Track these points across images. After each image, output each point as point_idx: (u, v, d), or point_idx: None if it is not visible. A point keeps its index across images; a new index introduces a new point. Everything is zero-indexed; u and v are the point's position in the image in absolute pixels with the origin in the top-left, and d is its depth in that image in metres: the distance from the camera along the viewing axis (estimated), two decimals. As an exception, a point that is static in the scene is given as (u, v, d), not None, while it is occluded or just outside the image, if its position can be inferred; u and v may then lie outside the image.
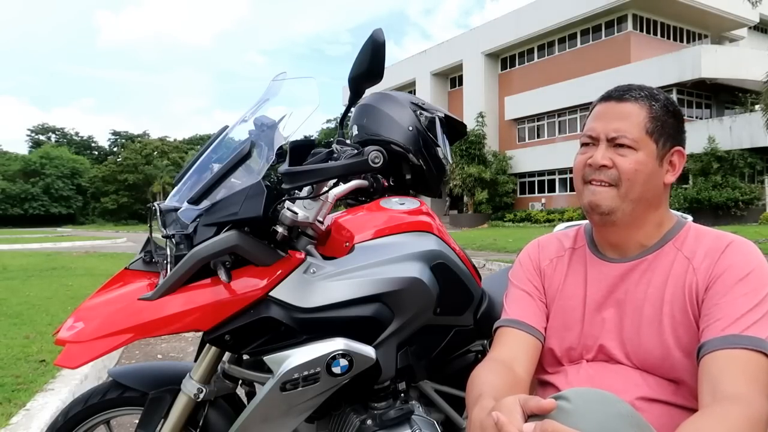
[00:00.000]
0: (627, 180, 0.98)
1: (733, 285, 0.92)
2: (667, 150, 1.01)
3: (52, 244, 18.60)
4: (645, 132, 0.99)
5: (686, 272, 0.97)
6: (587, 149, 1.04)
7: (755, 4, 12.96)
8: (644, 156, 0.98)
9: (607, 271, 1.06)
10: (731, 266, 0.93)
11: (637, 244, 1.04)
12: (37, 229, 44.80)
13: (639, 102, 1.01)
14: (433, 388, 1.43)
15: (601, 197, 1.00)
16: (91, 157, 67.50)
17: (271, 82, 1.32)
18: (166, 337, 4.28)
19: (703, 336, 0.89)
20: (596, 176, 1.00)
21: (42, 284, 6.67)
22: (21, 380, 2.88)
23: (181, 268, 1.11)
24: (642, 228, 1.02)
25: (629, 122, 0.99)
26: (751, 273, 0.92)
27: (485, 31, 30.08)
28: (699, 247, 0.98)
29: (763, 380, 0.82)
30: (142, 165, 55.69)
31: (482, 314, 1.44)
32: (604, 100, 1.05)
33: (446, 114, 1.60)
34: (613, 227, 1.03)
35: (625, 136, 0.98)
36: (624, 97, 1.02)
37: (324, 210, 1.28)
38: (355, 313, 1.19)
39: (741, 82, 22.88)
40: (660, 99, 1.02)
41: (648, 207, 1.01)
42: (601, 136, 1.01)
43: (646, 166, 0.98)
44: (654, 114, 1.00)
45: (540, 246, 1.21)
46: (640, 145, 0.98)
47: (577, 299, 1.09)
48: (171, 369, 1.42)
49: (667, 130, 1.00)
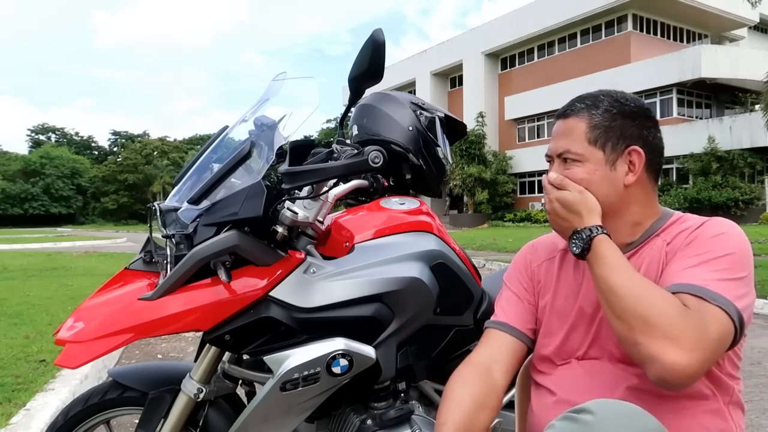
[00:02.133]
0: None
1: (697, 246, 0.93)
2: (619, 153, 1.00)
3: (52, 244, 18.60)
4: (587, 143, 1.00)
5: (660, 254, 0.98)
6: (550, 166, 1.07)
7: (755, 4, 12.92)
8: (592, 165, 1.00)
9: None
10: (700, 234, 0.95)
11: (619, 244, 1.01)
12: (37, 229, 44.81)
13: (579, 115, 1.02)
14: (433, 388, 1.43)
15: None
16: (91, 157, 67.54)
17: (271, 82, 1.33)
18: (166, 337, 4.28)
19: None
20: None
21: (42, 284, 6.67)
22: (21, 380, 2.88)
23: (181, 268, 1.11)
24: (620, 229, 1.02)
25: (572, 137, 1.02)
26: (721, 235, 0.93)
27: (485, 31, 30.08)
28: (677, 229, 1.00)
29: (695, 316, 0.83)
30: (142, 165, 55.69)
31: (482, 314, 1.44)
32: (556, 118, 1.08)
33: (446, 114, 1.60)
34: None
35: (569, 151, 1.01)
36: (566, 113, 1.05)
37: (324, 210, 1.28)
38: (355, 313, 1.19)
39: (741, 82, 22.88)
40: (601, 106, 1.02)
41: (615, 211, 1.01)
42: (553, 153, 1.05)
43: (594, 174, 1.00)
44: (594, 123, 1.01)
45: (534, 248, 1.22)
46: (585, 156, 1.00)
47: (567, 300, 1.09)
48: (171, 369, 1.42)
49: (614, 133, 1.00)
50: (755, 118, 18.89)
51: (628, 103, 1.03)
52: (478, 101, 30.17)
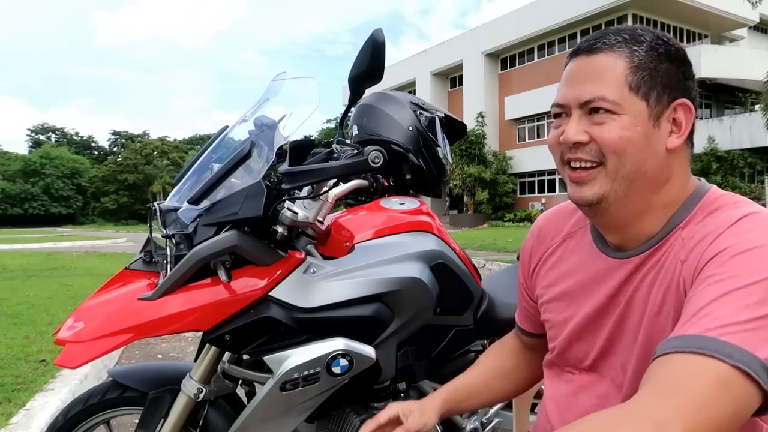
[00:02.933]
0: (613, 154, 0.76)
1: (718, 268, 0.67)
2: (664, 105, 0.77)
3: (52, 244, 18.59)
4: (628, 88, 0.76)
5: (676, 264, 0.75)
6: (560, 121, 0.82)
7: (755, 4, 12.95)
8: (630, 120, 0.75)
9: (606, 268, 0.85)
10: (725, 249, 0.68)
11: (640, 234, 0.81)
12: (37, 229, 44.82)
13: (615, 50, 0.77)
14: (433, 388, 1.43)
15: (584, 189, 0.79)
16: (91, 157, 67.59)
17: (271, 82, 1.33)
18: (166, 337, 4.28)
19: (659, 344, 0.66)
20: (573, 155, 0.79)
21: (42, 284, 6.67)
22: (21, 380, 2.88)
23: (181, 268, 1.11)
24: (647, 214, 0.80)
25: (605, 80, 0.76)
26: (752, 251, 0.66)
27: (485, 31, 30.08)
28: (701, 227, 0.75)
29: (690, 388, 0.58)
30: (142, 165, 55.71)
31: (482, 314, 1.44)
32: (573, 55, 0.82)
33: (446, 114, 1.60)
34: (606, 216, 0.81)
35: (601, 97, 0.76)
36: (595, 47, 0.79)
37: (324, 210, 1.28)
38: (355, 313, 1.19)
39: (741, 82, 22.90)
40: (645, 40, 0.77)
41: (650, 185, 0.78)
42: (572, 102, 0.79)
43: (634, 131, 0.75)
44: (637, 62, 0.76)
45: (535, 235, 1.03)
46: (622, 107, 0.75)
47: (572, 300, 0.90)
48: (171, 369, 1.42)
49: (661, 79, 0.76)
50: (755, 118, 18.92)
51: (672, 43, 0.79)
52: (478, 101, 30.17)
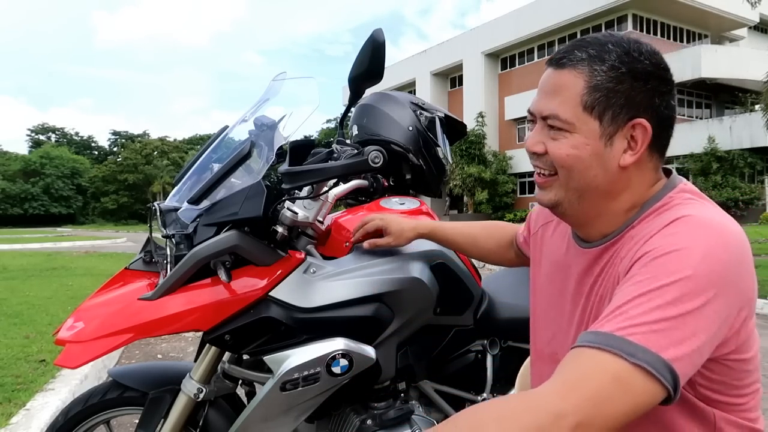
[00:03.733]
0: (562, 168, 0.81)
1: (639, 269, 0.71)
2: (620, 124, 0.78)
3: (52, 244, 18.58)
4: (581, 108, 0.78)
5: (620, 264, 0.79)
6: (532, 125, 0.86)
7: (755, 4, 12.94)
8: (581, 138, 0.78)
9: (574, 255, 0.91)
10: (649, 252, 0.71)
11: (600, 232, 0.85)
12: (37, 229, 44.80)
13: (576, 68, 0.78)
14: (433, 388, 1.43)
15: (542, 193, 0.85)
16: (91, 157, 67.60)
17: (271, 82, 1.32)
18: (166, 337, 4.28)
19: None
20: (535, 162, 0.85)
21: (42, 284, 6.67)
22: (21, 380, 2.88)
23: (181, 268, 1.11)
24: (603, 216, 0.84)
25: (562, 98, 0.79)
26: (672, 254, 0.69)
27: (485, 31, 30.08)
28: (648, 226, 0.78)
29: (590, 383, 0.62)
30: (142, 165, 55.72)
31: (482, 314, 1.45)
32: (547, 64, 0.84)
33: (446, 114, 1.60)
34: (565, 217, 0.88)
35: (556, 116, 0.79)
36: (561, 61, 0.80)
37: (324, 210, 1.28)
38: (355, 313, 1.19)
39: (741, 82, 22.90)
40: (609, 58, 0.78)
41: (603, 195, 0.82)
42: (536, 112, 0.83)
43: (583, 150, 0.78)
44: (595, 82, 0.77)
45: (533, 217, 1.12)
46: (575, 126, 0.78)
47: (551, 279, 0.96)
48: (171, 369, 1.42)
49: (618, 99, 0.77)
50: (755, 118, 18.91)
51: (642, 59, 0.78)
52: (478, 101, 30.17)
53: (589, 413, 0.61)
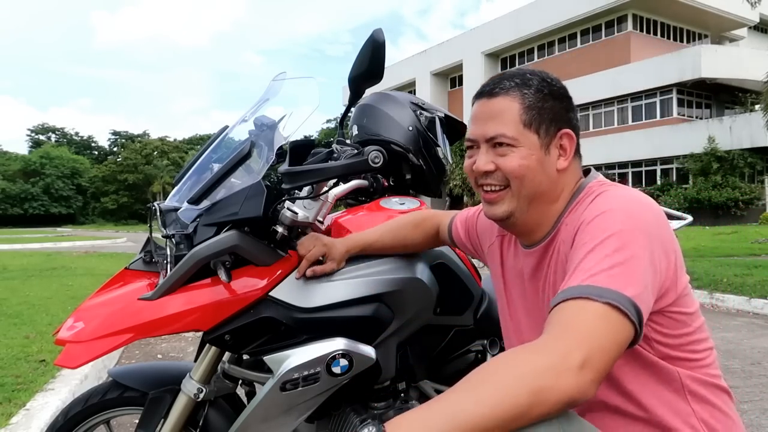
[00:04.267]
0: (515, 179, 0.94)
1: (582, 235, 0.84)
2: (552, 135, 0.94)
3: (52, 244, 18.60)
4: (522, 125, 0.93)
5: (558, 252, 0.93)
6: (471, 152, 0.99)
7: (755, 4, 12.94)
8: (527, 150, 0.93)
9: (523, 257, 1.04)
10: (584, 220, 0.87)
11: (539, 236, 1.00)
12: (37, 229, 44.82)
13: (510, 94, 0.94)
14: (433, 388, 1.43)
15: (495, 207, 0.97)
16: (91, 157, 67.62)
17: (271, 82, 1.32)
18: (166, 337, 4.28)
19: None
20: (484, 180, 0.97)
21: (42, 284, 6.66)
22: (21, 380, 2.88)
23: (181, 268, 1.11)
24: (543, 220, 0.98)
25: (503, 119, 0.93)
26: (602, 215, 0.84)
27: (485, 31, 30.08)
28: (578, 211, 0.92)
29: (575, 324, 0.71)
30: (142, 165, 55.74)
31: (482, 314, 1.45)
32: (477, 97, 0.98)
33: (446, 114, 1.60)
34: (515, 227, 1.01)
35: (502, 134, 0.93)
36: (493, 92, 0.95)
37: (324, 210, 1.28)
38: (355, 313, 1.19)
39: (741, 82, 22.88)
40: (532, 84, 0.94)
41: (546, 199, 0.96)
42: (479, 138, 0.96)
43: (530, 159, 0.93)
44: (528, 103, 0.93)
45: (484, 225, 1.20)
46: (519, 141, 0.92)
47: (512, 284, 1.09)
48: (171, 369, 1.42)
49: (547, 115, 0.94)
50: (755, 118, 18.90)
51: (555, 83, 0.97)
52: (478, 101, 30.16)
53: (589, 350, 0.68)
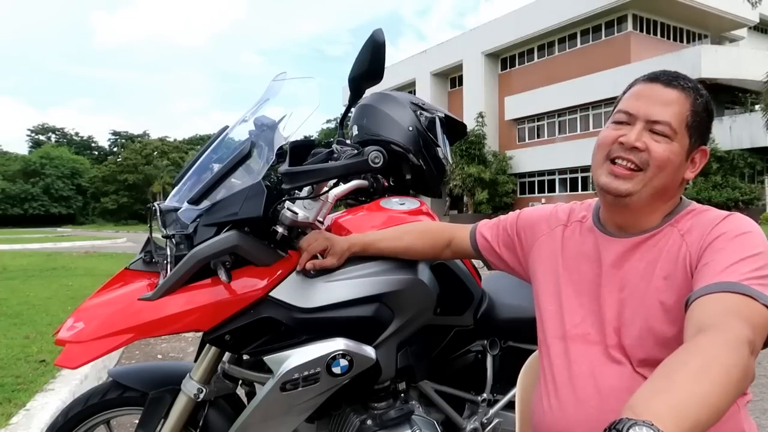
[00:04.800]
0: (656, 167, 0.95)
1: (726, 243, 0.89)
2: (695, 147, 0.99)
3: (52, 244, 18.58)
4: (685, 124, 0.96)
5: (679, 248, 0.95)
6: (620, 127, 0.99)
7: (755, 4, 12.96)
8: (678, 147, 0.96)
9: (609, 245, 1.04)
10: (725, 233, 0.91)
11: (639, 225, 1.01)
12: (37, 229, 44.76)
13: (686, 92, 0.97)
14: (433, 388, 1.43)
15: (620, 182, 0.97)
16: (91, 157, 67.54)
17: (271, 82, 1.32)
18: (166, 337, 4.28)
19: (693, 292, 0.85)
20: (625, 155, 0.97)
21: (42, 284, 6.66)
22: (21, 380, 2.88)
23: (181, 269, 1.11)
24: (651, 215, 1.00)
25: (672, 110, 0.96)
26: (747, 234, 0.90)
27: (485, 31, 30.08)
28: (694, 222, 0.97)
29: (745, 314, 0.77)
30: (142, 165, 55.66)
31: (482, 314, 1.45)
32: (650, 80, 1.00)
33: (446, 114, 1.60)
34: (624, 209, 1.01)
35: (667, 122, 0.95)
36: (672, 83, 0.98)
37: (324, 210, 1.28)
38: (355, 313, 1.19)
39: (741, 82, 22.89)
40: (703, 95, 0.99)
41: (663, 197, 0.99)
42: (640, 115, 0.97)
43: (677, 157, 0.96)
44: (696, 108, 0.97)
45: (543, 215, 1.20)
46: (677, 135, 0.96)
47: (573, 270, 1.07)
48: (171, 369, 1.42)
49: (702, 127, 0.98)
50: (755, 118, 18.94)
51: (712, 104, 1.01)
52: (478, 101, 30.17)
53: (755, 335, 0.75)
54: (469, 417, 1.48)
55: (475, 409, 1.48)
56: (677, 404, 0.64)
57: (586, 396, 0.98)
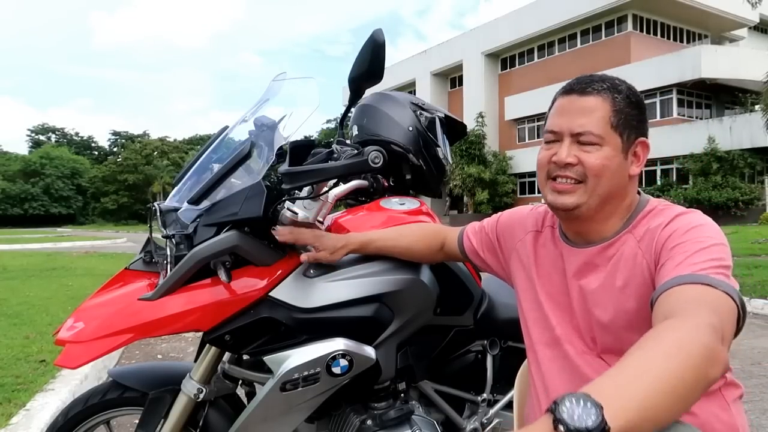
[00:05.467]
0: (594, 176, 0.96)
1: (678, 239, 0.89)
2: (631, 142, 0.98)
3: (52, 244, 18.58)
4: (609, 126, 0.96)
5: (635, 255, 0.95)
6: (551, 146, 1.01)
7: (755, 4, 12.96)
8: (610, 151, 0.96)
9: (571, 255, 1.05)
10: (676, 230, 0.91)
11: (599, 233, 1.01)
12: (37, 229, 44.77)
13: (602, 95, 0.97)
14: (433, 388, 1.43)
15: (564, 197, 0.99)
16: (91, 157, 67.53)
17: (271, 83, 1.32)
18: (166, 337, 4.28)
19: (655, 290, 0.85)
20: (561, 173, 0.98)
21: (42, 284, 6.66)
22: (21, 380, 2.88)
23: (181, 269, 1.11)
24: (607, 220, 1.00)
25: (593, 117, 0.96)
26: (698, 227, 0.90)
27: (485, 31, 30.08)
28: (648, 226, 0.96)
29: (708, 301, 0.77)
30: (142, 165, 55.66)
31: (482, 314, 1.45)
32: (566, 93, 1.01)
33: (446, 114, 1.60)
34: (576, 221, 1.02)
35: (590, 132, 0.95)
36: (586, 90, 0.98)
37: (324, 210, 1.28)
38: (355, 313, 1.19)
39: (741, 82, 22.88)
40: (622, 90, 0.99)
41: (613, 201, 0.99)
42: (564, 131, 0.98)
43: (612, 161, 0.96)
44: (617, 107, 0.97)
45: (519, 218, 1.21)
46: (605, 140, 0.96)
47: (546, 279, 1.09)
48: (171, 369, 1.42)
49: (631, 122, 0.97)
50: (755, 118, 18.89)
51: (638, 94, 1.01)
52: (478, 101, 30.16)
53: (724, 329, 0.73)
54: (469, 417, 1.48)
55: (475, 409, 1.48)
56: (625, 383, 0.63)
57: None
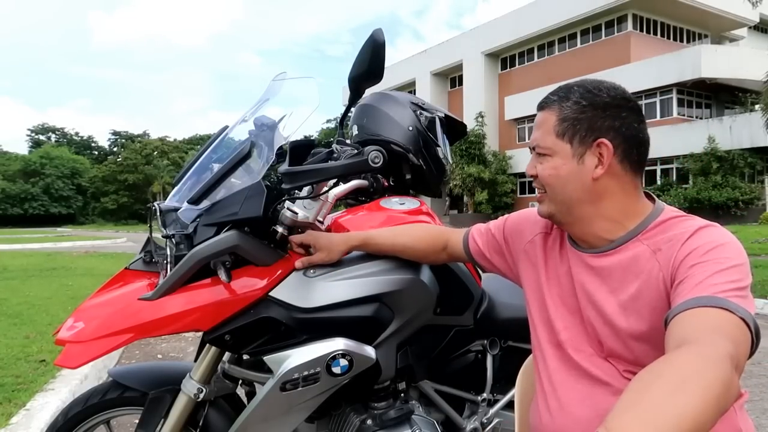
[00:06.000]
0: (547, 185, 1.01)
1: (699, 257, 0.88)
2: (587, 146, 0.97)
3: (52, 244, 18.57)
4: (555, 136, 0.99)
5: (651, 265, 0.93)
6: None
7: (755, 4, 12.96)
8: (559, 160, 0.99)
9: (577, 258, 1.05)
10: (697, 248, 0.89)
11: (597, 237, 1.01)
12: (37, 229, 44.74)
13: (550, 107, 1.01)
14: (433, 388, 1.43)
15: (540, 207, 1.06)
16: (91, 157, 67.50)
17: (271, 82, 1.32)
18: (166, 337, 4.28)
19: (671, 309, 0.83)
20: (534, 183, 1.06)
21: (42, 284, 6.67)
22: (21, 380, 2.88)
23: (181, 268, 1.11)
24: (592, 224, 1.00)
25: (542, 130, 1.01)
26: (721, 246, 0.88)
27: (485, 31, 30.08)
28: (664, 238, 0.94)
29: (726, 329, 0.76)
30: (142, 165, 55.65)
31: (482, 314, 1.45)
32: (537, 109, 1.06)
33: (446, 114, 1.60)
34: (564, 226, 1.06)
35: (538, 145, 1.01)
36: (541, 105, 1.04)
37: (324, 210, 1.28)
38: (355, 313, 1.19)
39: (741, 82, 22.87)
40: (572, 97, 0.99)
41: (584, 204, 0.99)
42: (531, 146, 1.05)
43: (561, 169, 0.99)
44: (563, 115, 0.99)
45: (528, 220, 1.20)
46: (553, 150, 0.99)
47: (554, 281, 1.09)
48: (171, 369, 1.42)
49: (582, 126, 0.97)
50: (755, 118, 18.88)
51: (601, 93, 0.99)
52: (478, 101, 30.16)
53: (739, 357, 0.73)
54: (469, 417, 1.48)
55: (475, 409, 1.48)
56: (650, 420, 0.61)
57: (580, 399, 0.99)
